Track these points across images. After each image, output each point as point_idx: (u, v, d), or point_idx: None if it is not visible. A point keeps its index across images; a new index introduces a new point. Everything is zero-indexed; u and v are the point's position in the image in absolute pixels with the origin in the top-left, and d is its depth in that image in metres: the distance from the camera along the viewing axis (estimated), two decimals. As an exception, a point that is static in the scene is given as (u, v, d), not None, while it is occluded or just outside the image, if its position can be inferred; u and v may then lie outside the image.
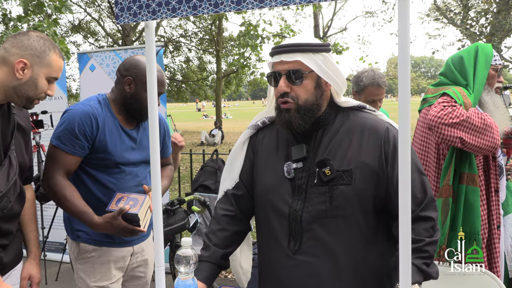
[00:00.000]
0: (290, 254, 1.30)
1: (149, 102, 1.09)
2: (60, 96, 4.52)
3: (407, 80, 0.81)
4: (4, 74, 1.45)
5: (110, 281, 1.83)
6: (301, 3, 0.86)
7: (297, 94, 1.29)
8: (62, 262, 4.04)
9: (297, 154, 1.32)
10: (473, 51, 2.00)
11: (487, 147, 1.87)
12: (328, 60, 1.30)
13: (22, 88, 1.46)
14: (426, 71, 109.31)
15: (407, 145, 0.83)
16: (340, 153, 1.29)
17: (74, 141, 1.70)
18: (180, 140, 2.31)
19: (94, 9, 18.30)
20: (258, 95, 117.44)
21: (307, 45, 1.28)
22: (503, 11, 10.27)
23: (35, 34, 1.51)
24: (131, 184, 1.84)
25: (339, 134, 1.32)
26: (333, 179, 1.26)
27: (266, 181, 1.38)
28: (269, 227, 1.37)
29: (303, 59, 1.26)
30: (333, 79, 1.31)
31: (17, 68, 1.44)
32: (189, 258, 1.13)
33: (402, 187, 0.84)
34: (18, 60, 1.44)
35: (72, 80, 19.02)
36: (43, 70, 1.49)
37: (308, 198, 1.29)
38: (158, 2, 0.98)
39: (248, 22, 9.70)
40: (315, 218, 1.27)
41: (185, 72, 21.58)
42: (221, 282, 3.66)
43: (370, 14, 20.85)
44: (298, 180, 1.32)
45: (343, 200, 1.25)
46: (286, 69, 1.29)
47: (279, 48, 1.31)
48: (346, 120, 1.35)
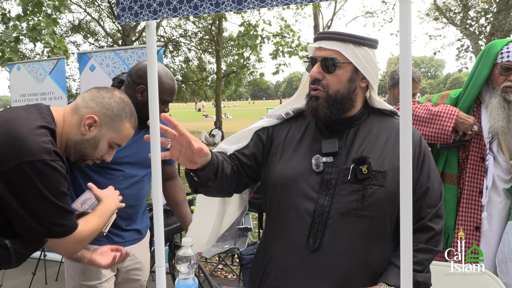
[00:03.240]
0: (308, 252, 1.24)
1: (149, 102, 1.09)
2: (60, 96, 4.52)
3: (407, 80, 0.82)
4: (72, 124, 1.36)
5: (99, 280, 1.80)
6: (301, 2, 0.86)
7: (328, 83, 1.27)
8: (62, 262, 4.03)
9: (329, 148, 1.28)
10: (482, 52, 1.97)
11: (435, 135, 1.94)
12: (369, 55, 1.27)
13: (82, 145, 1.37)
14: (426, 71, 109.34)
15: (408, 144, 0.83)
16: (374, 154, 1.26)
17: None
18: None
19: (94, 9, 18.29)
20: (258, 95, 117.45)
21: (349, 36, 1.25)
22: (503, 11, 10.27)
23: (120, 95, 1.44)
24: (123, 185, 1.79)
25: (373, 135, 1.30)
26: (368, 178, 1.23)
27: (290, 172, 1.30)
28: (286, 223, 1.29)
29: (341, 48, 1.24)
30: (370, 74, 1.28)
31: (84, 123, 1.35)
32: (190, 258, 1.13)
33: (402, 187, 0.84)
34: (89, 115, 1.35)
35: (72, 80, 19.00)
36: (109, 133, 1.40)
37: (337, 194, 1.24)
38: (159, 2, 0.98)
39: (247, 22, 9.70)
40: (342, 215, 1.23)
41: (185, 72, 21.57)
42: (221, 282, 3.66)
43: (370, 14, 20.84)
44: (327, 174, 1.26)
45: (374, 201, 1.22)
46: (323, 56, 1.26)
47: (321, 34, 1.29)
48: (380, 123, 1.33)
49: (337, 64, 1.25)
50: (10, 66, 4.79)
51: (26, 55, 14.94)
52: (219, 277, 3.91)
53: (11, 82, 4.75)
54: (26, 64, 4.71)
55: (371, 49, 1.28)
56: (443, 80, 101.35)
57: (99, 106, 1.37)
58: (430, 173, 1.29)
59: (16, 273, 4.05)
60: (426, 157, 1.29)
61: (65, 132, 1.35)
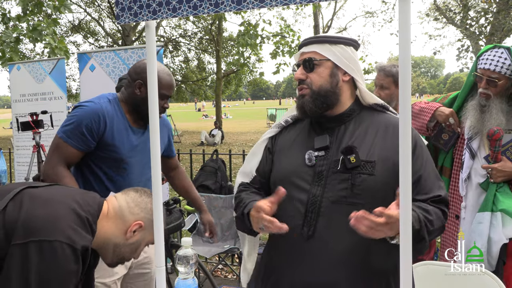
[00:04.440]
0: (303, 240, 1.31)
1: (149, 102, 1.09)
2: (60, 96, 4.52)
3: (407, 80, 0.82)
4: (114, 228, 1.34)
5: (112, 278, 1.86)
6: (301, 2, 0.86)
7: (312, 80, 1.37)
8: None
9: (320, 143, 1.37)
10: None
11: (418, 127, 2.20)
12: (347, 52, 1.37)
13: (123, 249, 1.36)
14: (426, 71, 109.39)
15: (408, 144, 0.84)
16: (364, 145, 1.33)
17: (79, 137, 1.78)
18: None
19: (94, 9, 18.30)
20: (258, 95, 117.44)
21: (325, 37, 1.39)
22: (503, 11, 10.27)
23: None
24: (135, 182, 1.89)
25: (363, 128, 1.38)
26: (357, 167, 1.29)
27: (285, 168, 1.41)
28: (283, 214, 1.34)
29: (318, 48, 1.36)
30: (351, 69, 1.37)
31: (131, 229, 1.34)
32: (189, 258, 1.13)
33: (402, 186, 0.84)
34: (136, 222, 1.35)
35: (72, 80, 19.02)
36: (149, 236, 1.38)
37: (329, 184, 1.31)
38: (158, 2, 0.98)
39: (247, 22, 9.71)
40: (333, 203, 1.29)
41: (185, 72, 21.57)
42: (221, 282, 3.66)
43: (370, 14, 20.84)
44: (319, 167, 1.34)
45: (364, 189, 1.28)
46: (303, 58, 1.39)
47: (302, 43, 1.42)
48: (371, 117, 1.41)
49: (315, 62, 1.36)
50: (10, 66, 4.79)
51: (26, 55, 14.95)
52: (219, 277, 3.91)
53: (11, 82, 4.75)
54: (26, 64, 4.71)
55: (348, 46, 1.38)
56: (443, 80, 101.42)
57: (144, 212, 1.38)
58: (423, 162, 1.33)
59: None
60: (417, 147, 1.34)
61: (105, 234, 1.33)
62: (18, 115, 4.36)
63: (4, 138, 17.74)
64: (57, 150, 1.80)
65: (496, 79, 1.90)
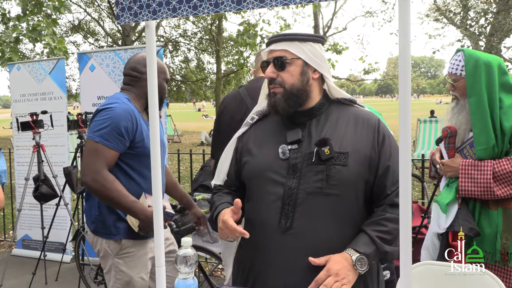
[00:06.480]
0: (281, 232, 1.32)
1: (149, 102, 1.09)
2: (60, 96, 4.52)
3: (407, 80, 0.82)
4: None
5: (146, 270, 1.97)
6: (301, 2, 0.86)
7: (283, 79, 1.38)
8: (62, 262, 4.03)
9: (293, 137, 1.38)
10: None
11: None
12: (316, 50, 1.38)
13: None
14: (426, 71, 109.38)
15: (408, 144, 0.84)
16: (336, 137, 1.35)
17: (118, 138, 1.82)
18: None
19: (94, 9, 18.28)
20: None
21: (294, 34, 1.38)
22: (503, 11, 10.28)
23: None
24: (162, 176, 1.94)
25: (333, 121, 1.40)
26: (331, 158, 1.31)
27: (259, 164, 1.42)
28: (259, 209, 1.39)
29: (288, 47, 1.36)
30: (320, 66, 1.39)
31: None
32: (189, 258, 1.13)
33: (402, 186, 0.84)
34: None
35: (72, 80, 18.99)
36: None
37: (304, 176, 1.33)
38: (158, 2, 0.98)
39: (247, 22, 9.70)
40: (309, 195, 1.31)
41: (185, 72, 21.55)
42: (221, 282, 3.66)
43: (370, 14, 20.82)
44: (293, 159, 1.36)
45: (339, 180, 1.30)
46: (274, 56, 1.38)
47: (270, 39, 1.42)
48: (340, 110, 1.44)
49: (287, 61, 1.37)
50: (10, 66, 4.79)
51: (26, 55, 14.94)
52: (219, 277, 3.91)
53: (11, 82, 4.75)
54: (26, 64, 4.71)
55: (316, 43, 1.39)
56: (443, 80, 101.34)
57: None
58: (391, 153, 1.36)
59: (16, 273, 4.06)
60: (386, 138, 1.37)
61: None
62: (18, 115, 4.36)
63: (4, 138, 17.75)
64: (97, 155, 1.80)
65: (454, 80, 2.02)
